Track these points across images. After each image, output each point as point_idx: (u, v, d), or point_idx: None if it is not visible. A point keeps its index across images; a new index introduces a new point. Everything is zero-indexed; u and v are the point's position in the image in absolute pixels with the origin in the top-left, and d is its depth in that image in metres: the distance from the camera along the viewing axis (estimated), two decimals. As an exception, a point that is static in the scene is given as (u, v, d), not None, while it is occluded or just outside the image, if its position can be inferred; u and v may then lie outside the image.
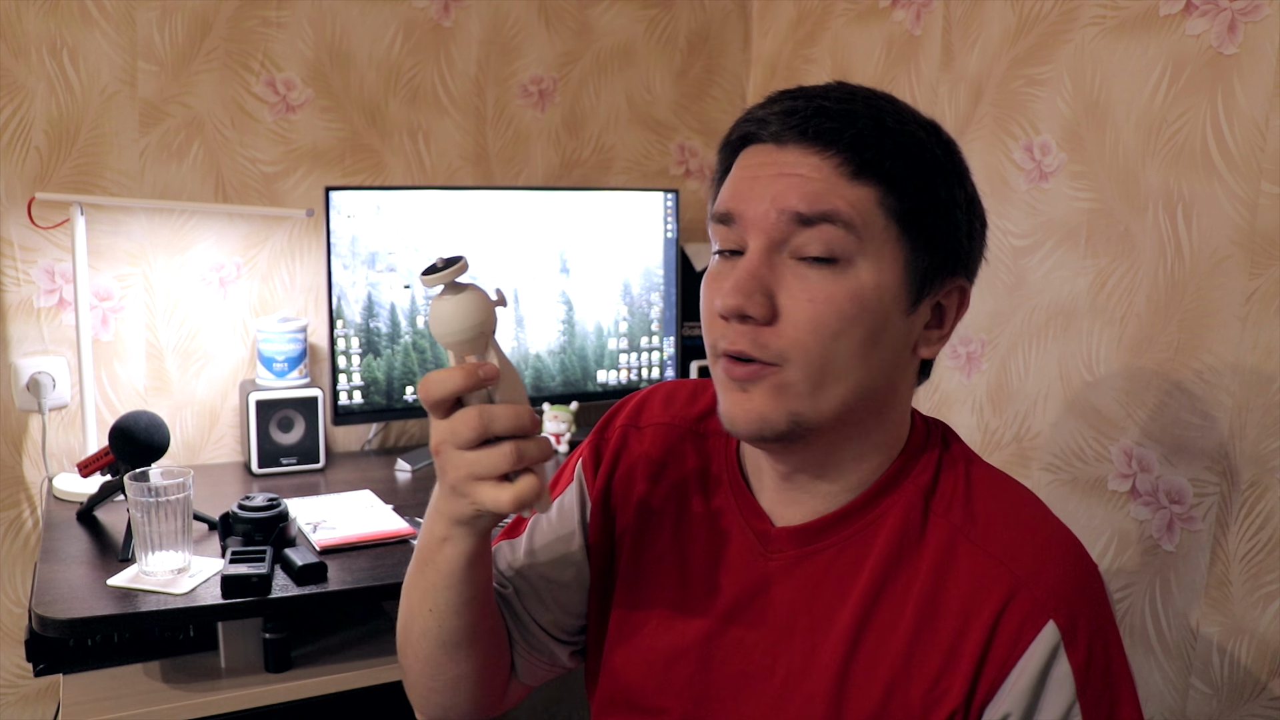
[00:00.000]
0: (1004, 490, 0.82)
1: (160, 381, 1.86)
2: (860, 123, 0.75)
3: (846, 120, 0.75)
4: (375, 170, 1.96)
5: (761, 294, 0.74)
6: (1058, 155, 1.51)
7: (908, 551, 0.79)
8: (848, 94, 0.78)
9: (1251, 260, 1.26)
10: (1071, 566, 0.76)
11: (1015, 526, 0.78)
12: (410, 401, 1.89)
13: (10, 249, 1.73)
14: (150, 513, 1.33)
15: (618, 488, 0.93)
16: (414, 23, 1.94)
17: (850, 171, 0.74)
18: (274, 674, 1.41)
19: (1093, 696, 0.73)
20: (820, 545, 0.81)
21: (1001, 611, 0.74)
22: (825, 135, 0.74)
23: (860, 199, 0.74)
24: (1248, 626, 1.28)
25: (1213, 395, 1.31)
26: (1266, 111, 1.24)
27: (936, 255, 0.77)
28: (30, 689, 1.83)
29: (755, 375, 0.75)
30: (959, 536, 0.78)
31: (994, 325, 1.63)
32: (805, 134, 0.75)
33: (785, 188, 0.74)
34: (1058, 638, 0.73)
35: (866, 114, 0.76)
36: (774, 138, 0.76)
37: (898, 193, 0.75)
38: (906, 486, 0.81)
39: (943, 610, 0.76)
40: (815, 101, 0.76)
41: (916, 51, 1.76)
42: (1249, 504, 1.28)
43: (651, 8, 2.13)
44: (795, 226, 0.74)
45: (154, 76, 1.78)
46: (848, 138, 0.74)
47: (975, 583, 0.76)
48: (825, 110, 0.75)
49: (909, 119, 0.78)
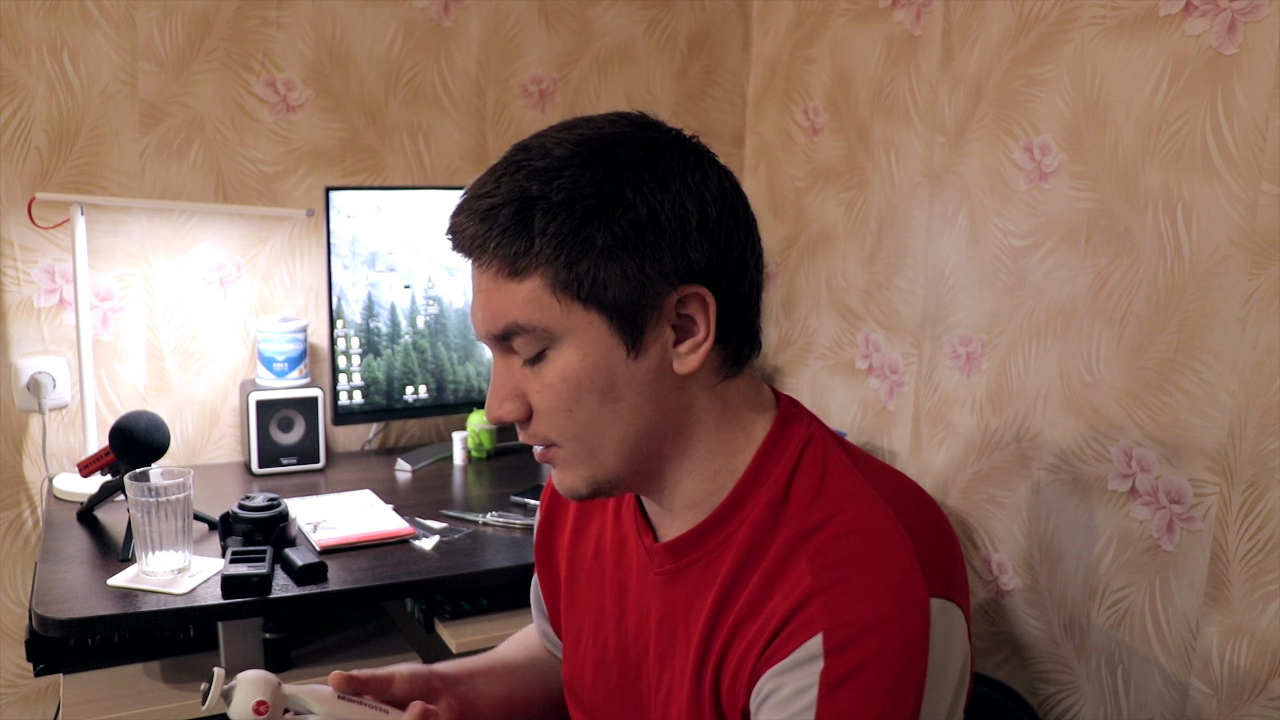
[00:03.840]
0: (854, 506, 0.78)
1: (160, 381, 1.86)
2: (500, 216, 0.75)
3: (487, 222, 0.76)
4: (375, 170, 1.96)
5: (512, 400, 0.80)
6: (1058, 155, 1.51)
7: (753, 561, 0.80)
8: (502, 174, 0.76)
9: (1251, 260, 1.26)
10: (871, 596, 0.73)
11: (846, 545, 0.75)
12: (410, 401, 1.89)
13: (10, 249, 1.73)
14: (150, 513, 1.33)
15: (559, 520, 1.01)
16: (414, 23, 1.94)
17: (508, 273, 0.76)
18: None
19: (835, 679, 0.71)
20: (691, 559, 0.84)
21: (790, 613, 0.74)
22: (476, 248, 0.77)
23: (530, 294, 0.76)
24: (1248, 626, 1.28)
25: (1213, 395, 1.31)
26: (1266, 111, 1.24)
27: (631, 297, 0.75)
28: (30, 689, 1.83)
29: (549, 458, 0.82)
30: (797, 547, 0.77)
31: (994, 325, 1.63)
32: (467, 252, 0.78)
33: (480, 311, 0.79)
34: (820, 649, 0.72)
35: (509, 201, 0.75)
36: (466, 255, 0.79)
37: (565, 267, 0.74)
38: (759, 496, 0.81)
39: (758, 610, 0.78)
40: (466, 212, 0.78)
41: (916, 51, 1.76)
42: (1249, 504, 1.28)
43: (651, 8, 2.13)
44: (496, 342, 0.79)
45: (154, 76, 1.78)
46: (491, 245, 0.76)
47: (789, 585, 0.75)
48: (476, 214, 0.77)
49: (556, 169, 0.75)
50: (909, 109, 1.78)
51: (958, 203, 1.69)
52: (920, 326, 1.79)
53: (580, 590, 0.96)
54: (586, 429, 0.79)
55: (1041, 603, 1.55)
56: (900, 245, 1.82)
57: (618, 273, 0.75)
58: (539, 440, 0.81)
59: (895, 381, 1.85)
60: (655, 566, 0.87)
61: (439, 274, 1.87)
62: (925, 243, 1.77)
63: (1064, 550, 1.51)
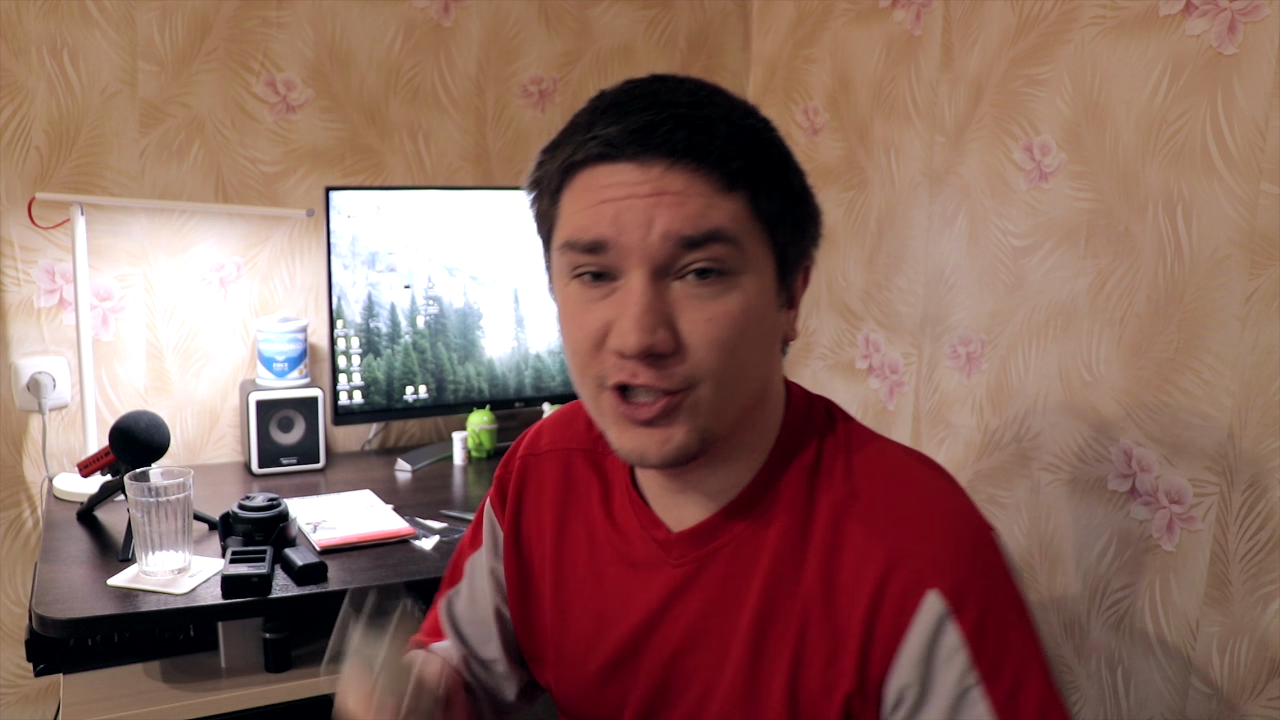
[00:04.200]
0: (889, 462, 0.80)
1: (160, 381, 1.86)
2: (721, 130, 0.72)
3: (708, 130, 0.71)
4: (375, 170, 1.96)
5: (664, 327, 0.71)
6: (1058, 155, 1.51)
7: (799, 535, 0.78)
8: (690, 95, 0.74)
9: (1251, 260, 1.26)
10: (955, 535, 0.75)
11: (897, 498, 0.77)
12: (410, 401, 1.89)
13: (10, 249, 1.73)
14: (150, 513, 1.33)
15: (528, 518, 0.94)
16: (414, 23, 1.94)
17: (723, 184, 0.72)
18: (274, 674, 1.41)
19: (990, 664, 0.71)
20: (717, 543, 0.81)
21: (881, 586, 0.73)
22: (694, 149, 0.71)
23: (736, 210, 0.72)
24: (1248, 626, 1.28)
25: (1213, 395, 1.31)
26: (1266, 111, 1.24)
27: (796, 249, 0.78)
28: (30, 689, 1.83)
29: (664, 410, 0.73)
30: (844, 513, 0.77)
31: (994, 325, 1.63)
32: (672, 151, 0.70)
33: (666, 211, 0.70)
34: (942, 606, 0.71)
35: (719, 117, 0.73)
36: (632, 157, 0.71)
37: (765, 196, 0.74)
38: (791, 470, 0.80)
39: (832, 589, 0.76)
40: (668, 111, 0.71)
41: (916, 51, 1.76)
42: (1249, 504, 1.28)
43: (651, 8, 2.13)
44: (681, 250, 0.71)
45: (154, 76, 1.78)
46: (716, 149, 0.71)
47: (858, 558, 0.75)
48: (685, 120, 0.71)
49: (745, 110, 0.76)
50: (909, 109, 1.78)
51: (958, 203, 1.69)
52: (920, 326, 1.79)
53: (574, 597, 0.90)
54: (737, 373, 0.74)
55: (1041, 602, 1.55)
56: (900, 245, 1.82)
57: (794, 221, 0.77)
58: (677, 381, 0.72)
59: (895, 381, 1.85)
60: (672, 559, 0.83)
61: (439, 274, 1.87)
62: (925, 243, 1.77)
63: (1064, 550, 1.51)
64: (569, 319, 0.77)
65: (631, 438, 0.75)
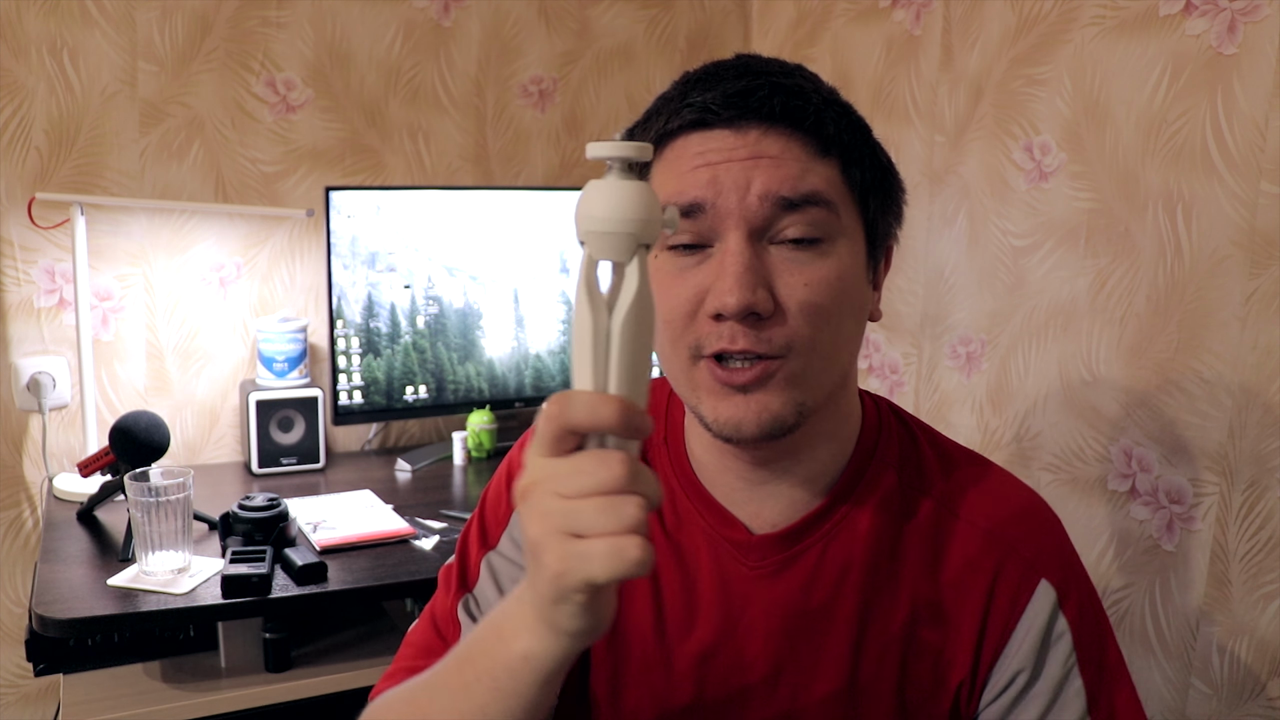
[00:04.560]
0: (970, 459, 0.83)
1: (160, 381, 1.86)
2: (814, 97, 0.73)
3: (802, 96, 0.72)
4: (375, 170, 1.96)
5: (763, 287, 0.70)
6: (1058, 155, 1.51)
7: (895, 533, 0.79)
8: (781, 66, 0.75)
9: (1251, 260, 1.26)
10: (1054, 529, 0.81)
11: (992, 495, 0.80)
12: (410, 401, 1.89)
13: (10, 249, 1.73)
14: (150, 513, 1.33)
15: None
16: (414, 23, 1.94)
17: (818, 149, 0.72)
18: (274, 674, 1.41)
19: (1086, 647, 0.77)
20: (805, 544, 0.78)
21: (995, 578, 0.77)
22: (791, 114, 0.71)
23: (830, 176, 0.73)
24: (1247, 626, 1.28)
25: (1213, 395, 1.31)
26: (1266, 111, 1.24)
27: (884, 221, 0.78)
28: (30, 689, 1.83)
29: (761, 375, 0.71)
30: (943, 511, 0.79)
31: (994, 325, 1.63)
32: (769, 115, 0.71)
33: (764, 173, 0.70)
34: (1053, 595, 0.76)
35: (811, 87, 0.74)
36: (728, 122, 0.71)
37: (856, 165, 0.75)
38: (876, 467, 0.80)
39: (938, 585, 0.78)
40: (764, 79, 0.72)
41: (916, 51, 1.76)
42: (1249, 504, 1.28)
43: (651, 8, 2.13)
44: (779, 212, 0.71)
45: (154, 77, 1.78)
46: (811, 114, 0.72)
47: (965, 554, 0.78)
48: (780, 87, 0.72)
49: (830, 86, 0.77)
50: (909, 109, 1.78)
51: (958, 203, 1.69)
52: (920, 326, 1.79)
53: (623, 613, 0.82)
54: (831, 341, 0.72)
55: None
56: (900, 245, 1.82)
57: (883, 192, 0.78)
58: (776, 346, 0.70)
59: (895, 381, 1.85)
60: (752, 561, 0.79)
61: (439, 274, 1.87)
62: (925, 243, 1.77)
63: (1064, 550, 1.51)
64: (660, 290, 0.73)
65: (729, 407, 0.72)
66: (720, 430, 0.73)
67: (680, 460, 0.83)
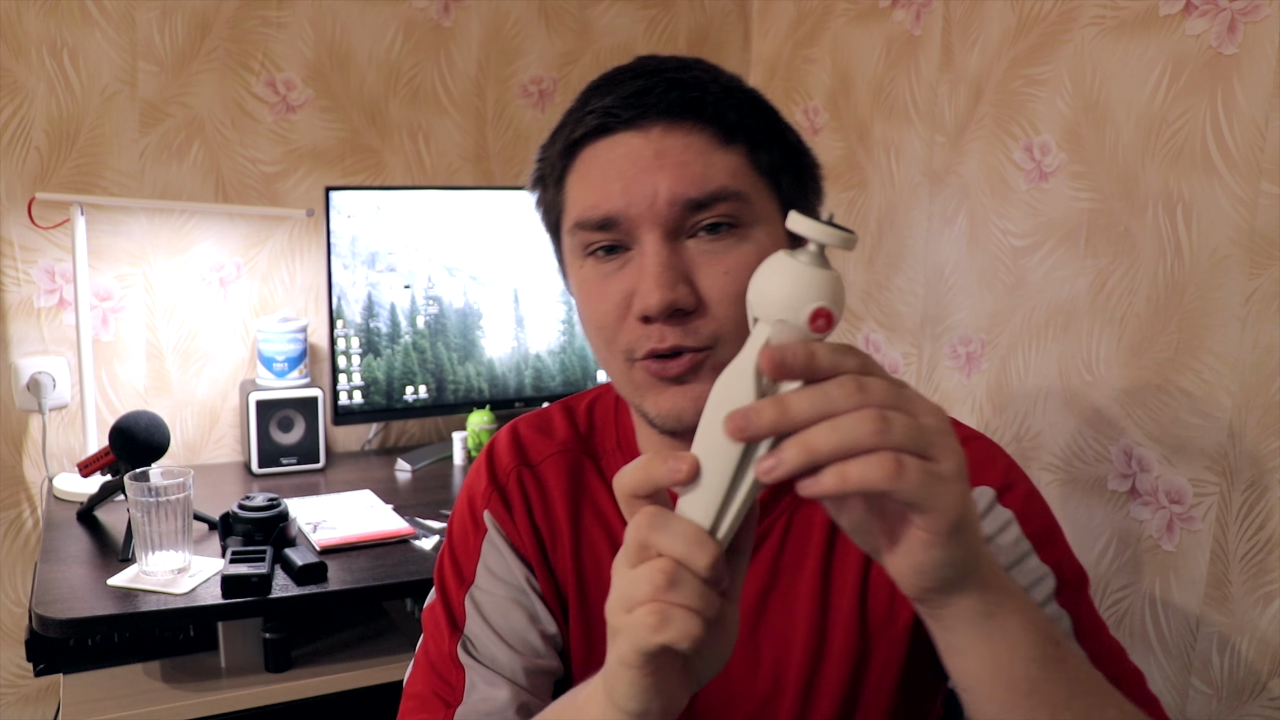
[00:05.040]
0: None
1: (160, 381, 1.86)
2: (712, 87, 0.74)
3: (700, 87, 0.73)
4: (375, 170, 1.96)
5: (684, 283, 0.71)
6: (1057, 155, 1.51)
7: None
8: (679, 64, 0.76)
9: (1251, 260, 1.26)
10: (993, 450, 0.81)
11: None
12: (410, 401, 1.89)
13: (10, 249, 1.73)
14: (150, 513, 1.33)
15: (543, 532, 0.87)
16: (414, 23, 1.94)
17: (722, 138, 0.73)
18: (274, 674, 1.41)
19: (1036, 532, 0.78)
20: (767, 523, 0.81)
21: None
22: (690, 107, 0.72)
23: (736, 165, 0.73)
24: (1247, 626, 1.28)
25: (1212, 395, 1.31)
26: (1266, 111, 1.24)
27: (800, 198, 0.78)
28: (30, 689, 1.83)
29: (692, 364, 0.72)
30: None
31: (994, 325, 1.63)
32: (668, 111, 0.72)
33: (669, 176, 0.71)
34: (991, 494, 0.78)
35: (709, 78, 0.75)
36: (630, 124, 0.73)
37: (763, 148, 0.75)
38: None
39: None
40: (660, 76, 0.73)
41: (916, 51, 1.76)
42: (1248, 504, 1.28)
43: (651, 8, 2.13)
44: (689, 212, 0.72)
45: (154, 76, 1.78)
46: (710, 104, 0.73)
47: None
48: (676, 82, 0.73)
49: (731, 74, 0.78)
50: (909, 109, 1.78)
51: (958, 203, 1.69)
52: (920, 326, 1.79)
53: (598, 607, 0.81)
54: None
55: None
56: (900, 245, 1.82)
57: (794, 171, 0.78)
58: (705, 338, 0.72)
59: (895, 381, 1.85)
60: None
61: (439, 274, 1.87)
62: (925, 243, 1.77)
63: (1064, 550, 1.51)
64: (588, 297, 0.76)
65: (668, 399, 0.74)
66: (664, 423, 0.75)
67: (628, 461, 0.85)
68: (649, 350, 0.73)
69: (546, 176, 0.79)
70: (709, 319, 0.72)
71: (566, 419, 0.91)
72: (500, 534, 0.88)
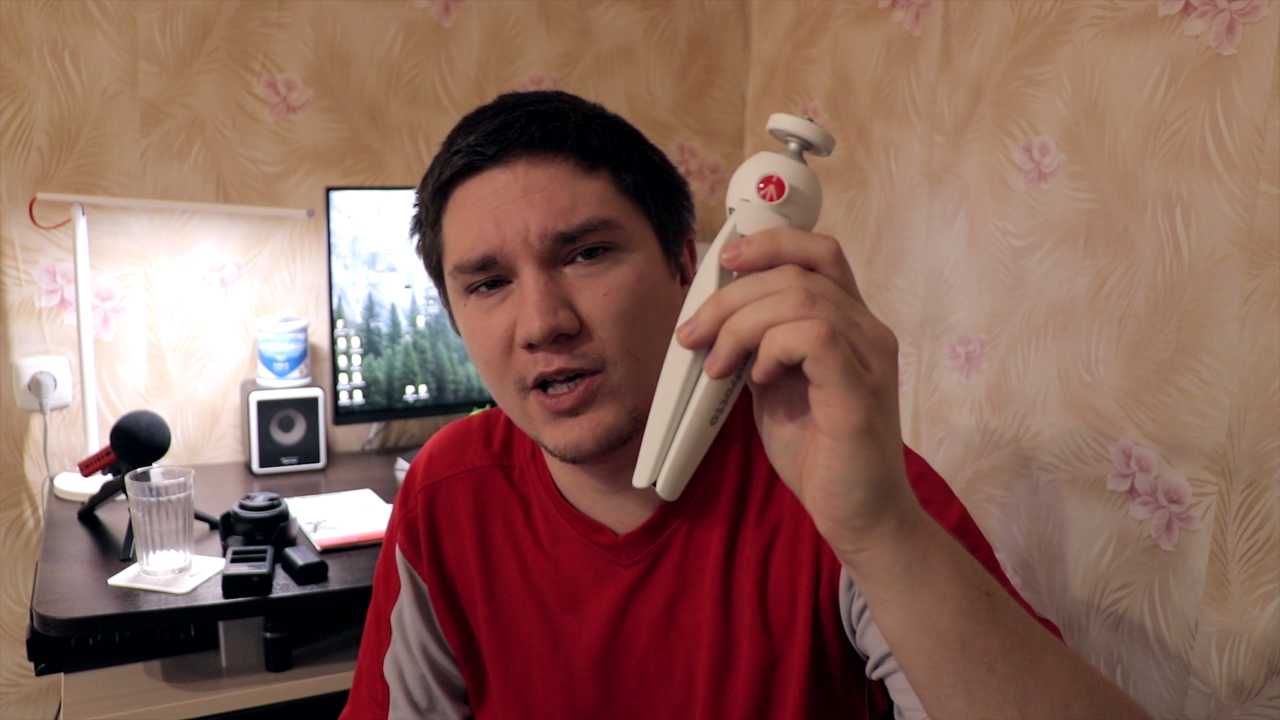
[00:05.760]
0: None
1: (161, 381, 1.87)
2: (572, 116, 0.76)
3: (560, 118, 0.76)
4: (376, 170, 1.97)
5: (565, 308, 0.73)
6: (1057, 156, 1.51)
7: (747, 493, 0.82)
8: (539, 97, 0.79)
9: (1250, 260, 1.26)
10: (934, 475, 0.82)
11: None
12: (410, 401, 1.89)
13: (12, 249, 1.74)
14: (151, 512, 1.33)
15: (448, 552, 0.90)
16: (414, 23, 1.95)
17: (585, 166, 0.75)
18: (274, 674, 1.41)
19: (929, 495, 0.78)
20: (670, 530, 0.83)
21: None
22: (551, 138, 0.74)
23: (602, 191, 0.75)
24: (1246, 626, 1.29)
25: (1212, 395, 1.31)
26: (1265, 112, 1.24)
27: (673, 221, 0.81)
28: (31, 688, 1.83)
29: (584, 396, 0.74)
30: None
31: (993, 325, 1.63)
32: (530, 144, 0.74)
33: (538, 211, 0.73)
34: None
35: (568, 109, 0.77)
36: (495, 160, 0.74)
37: (626, 170, 0.77)
38: (723, 444, 0.83)
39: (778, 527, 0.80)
40: (520, 110, 0.75)
41: (916, 52, 1.76)
42: (1247, 504, 1.28)
43: (651, 8, 2.14)
44: (560, 244, 0.74)
45: (155, 77, 1.78)
46: (571, 133, 0.75)
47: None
48: (536, 114, 0.75)
49: (591, 104, 0.81)
50: (908, 109, 1.79)
51: (957, 203, 1.69)
52: (920, 326, 1.79)
53: (513, 622, 0.87)
54: (644, 346, 0.75)
55: (1040, 603, 1.55)
56: (899, 245, 1.82)
57: (660, 190, 0.79)
58: (590, 360, 0.74)
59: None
60: (624, 560, 0.83)
61: (439, 274, 1.87)
62: (925, 243, 1.77)
63: (1063, 550, 1.51)
64: (474, 333, 0.78)
65: (564, 431, 0.76)
66: (563, 455, 0.77)
67: (546, 478, 0.87)
68: (538, 375, 0.74)
69: (423, 220, 0.81)
70: (594, 341, 0.74)
71: (483, 431, 0.93)
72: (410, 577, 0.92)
